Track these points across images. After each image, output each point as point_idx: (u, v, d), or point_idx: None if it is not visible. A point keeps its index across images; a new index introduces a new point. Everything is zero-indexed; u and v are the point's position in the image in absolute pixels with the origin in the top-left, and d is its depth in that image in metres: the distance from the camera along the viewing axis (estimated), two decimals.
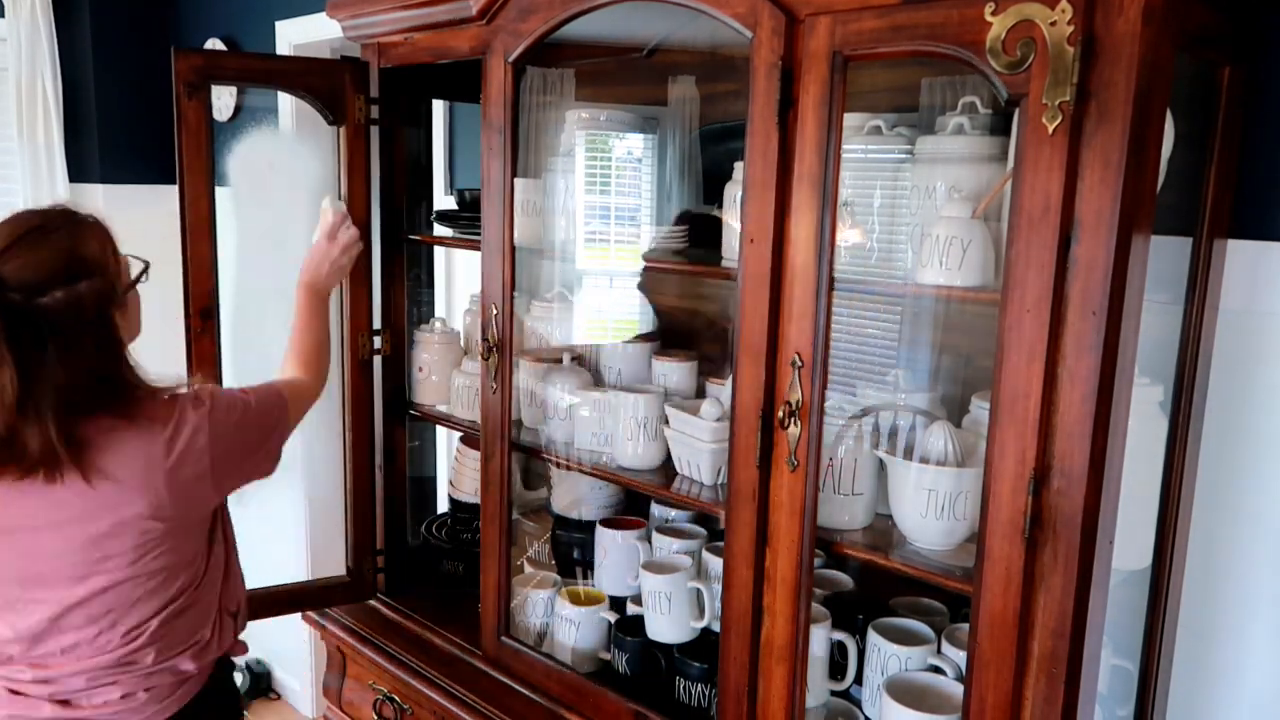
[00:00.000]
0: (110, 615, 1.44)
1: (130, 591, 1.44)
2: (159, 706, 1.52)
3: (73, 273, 1.34)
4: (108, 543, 1.40)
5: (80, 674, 1.46)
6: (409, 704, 2.01)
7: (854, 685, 1.60)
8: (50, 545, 1.39)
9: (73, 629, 1.43)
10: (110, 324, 1.40)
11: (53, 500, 1.37)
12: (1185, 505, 1.49)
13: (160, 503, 1.40)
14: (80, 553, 1.39)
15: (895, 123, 1.51)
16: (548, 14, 1.62)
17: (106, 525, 1.39)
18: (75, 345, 1.32)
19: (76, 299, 1.33)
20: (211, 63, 1.88)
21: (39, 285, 1.31)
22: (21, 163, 3.38)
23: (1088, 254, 1.09)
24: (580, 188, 1.95)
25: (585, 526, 2.03)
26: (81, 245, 1.39)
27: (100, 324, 1.37)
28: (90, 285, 1.35)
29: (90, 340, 1.35)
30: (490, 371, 1.84)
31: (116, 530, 1.39)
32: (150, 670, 1.50)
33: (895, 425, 1.48)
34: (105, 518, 1.38)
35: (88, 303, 1.35)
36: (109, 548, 1.40)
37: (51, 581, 1.41)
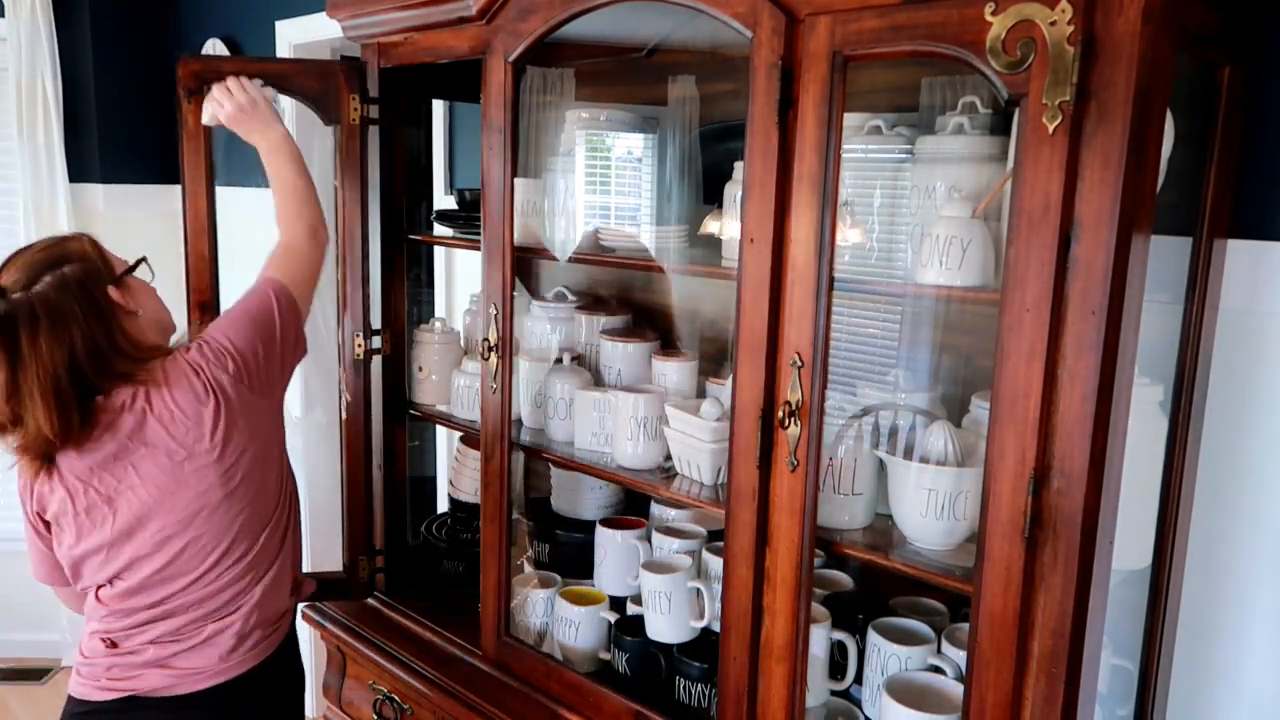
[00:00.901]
0: (218, 549, 1.59)
1: (231, 521, 1.59)
2: (245, 656, 1.65)
3: (57, 262, 1.52)
4: (196, 481, 1.55)
5: (188, 609, 1.60)
6: (409, 704, 2.01)
7: (854, 685, 1.60)
8: (147, 498, 1.54)
9: (181, 574, 1.58)
10: (101, 295, 1.54)
11: (136, 461, 1.53)
12: (1185, 505, 1.49)
13: (220, 438, 1.55)
14: (174, 498, 1.55)
15: (895, 122, 1.51)
16: (548, 14, 1.62)
17: (188, 469, 1.54)
18: (66, 316, 1.48)
19: (62, 280, 1.50)
20: (210, 67, 1.89)
21: (29, 280, 1.49)
22: (21, 163, 3.38)
23: (1088, 254, 1.09)
24: (580, 188, 1.95)
25: (585, 526, 2.04)
26: (64, 245, 1.57)
27: (89, 295, 1.52)
28: (74, 267, 1.52)
29: (79, 309, 1.50)
30: (490, 371, 1.84)
31: (199, 470, 1.54)
32: (245, 607, 1.64)
33: (895, 425, 1.48)
34: (182, 464, 1.54)
35: (73, 279, 1.51)
36: (198, 484, 1.55)
37: (158, 530, 1.56)
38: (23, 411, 1.47)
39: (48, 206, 3.40)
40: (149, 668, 1.60)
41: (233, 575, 1.61)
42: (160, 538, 1.56)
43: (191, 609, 1.60)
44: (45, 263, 1.51)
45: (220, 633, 1.62)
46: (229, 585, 1.61)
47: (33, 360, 1.45)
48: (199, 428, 1.54)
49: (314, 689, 3.54)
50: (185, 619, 1.60)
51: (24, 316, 1.46)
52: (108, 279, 1.56)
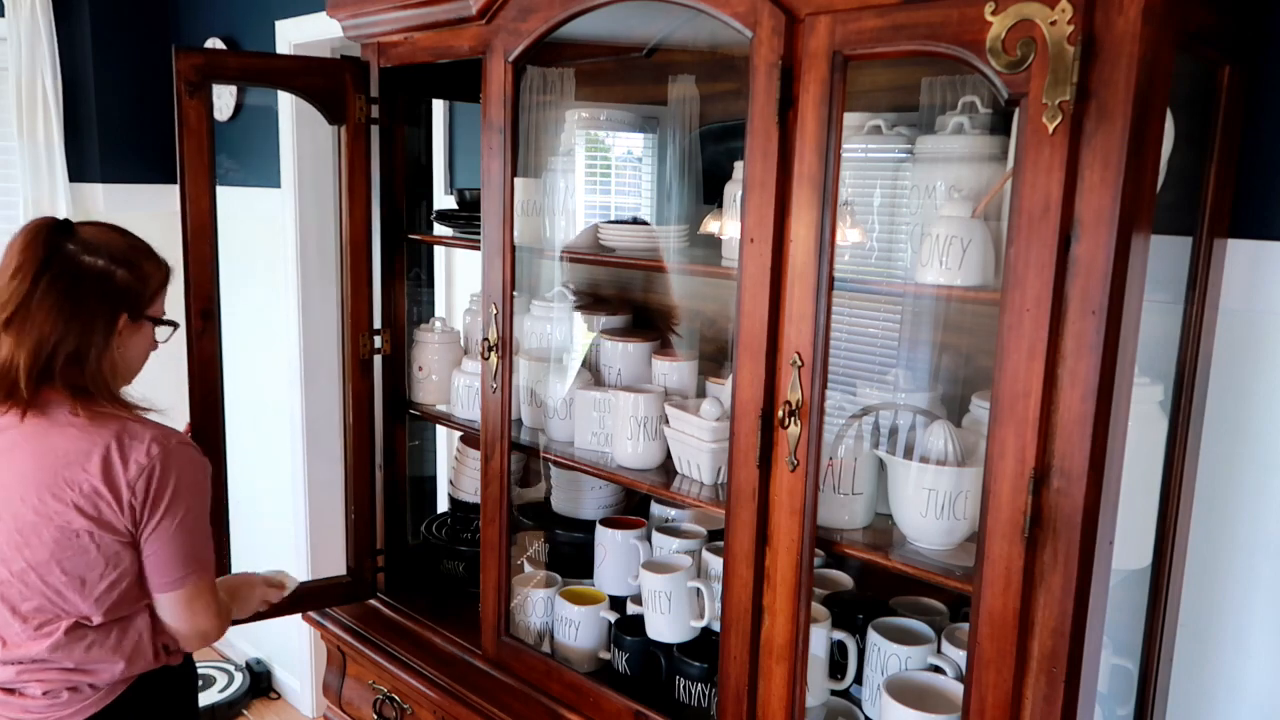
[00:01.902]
0: (25, 605, 1.51)
1: (40, 586, 1.50)
2: (83, 704, 1.56)
3: (123, 261, 1.55)
4: (33, 522, 1.49)
5: (9, 664, 1.54)
6: (409, 703, 2.01)
7: (854, 685, 1.60)
8: None
9: (1, 611, 1.53)
10: (116, 318, 1.54)
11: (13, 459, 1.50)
12: (1185, 505, 1.49)
13: (82, 507, 1.48)
14: (12, 526, 1.50)
15: (895, 122, 1.51)
16: (548, 13, 1.62)
17: (34, 507, 1.49)
18: (81, 307, 1.50)
19: (109, 274, 1.53)
20: (212, 62, 1.87)
21: (93, 248, 1.53)
22: (21, 162, 3.38)
23: (1088, 253, 1.09)
24: (580, 187, 1.95)
25: (585, 526, 2.04)
26: (144, 257, 1.60)
27: (110, 309, 1.53)
28: (126, 276, 1.55)
29: (94, 311, 1.51)
30: (490, 371, 1.84)
31: (45, 511, 1.48)
32: (67, 675, 1.54)
33: (895, 424, 1.48)
34: (33, 495, 1.49)
35: (114, 284, 1.53)
36: (33, 528, 1.49)
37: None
38: (8, 336, 1.47)
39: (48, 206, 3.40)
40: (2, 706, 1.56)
41: (47, 640, 1.52)
42: None
43: (10, 664, 1.54)
44: (119, 253, 1.54)
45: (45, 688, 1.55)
46: (48, 653, 1.53)
47: (40, 305, 1.47)
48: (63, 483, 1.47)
49: (314, 689, 3.55)
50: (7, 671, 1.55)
51: (59, 265, 1.49)
52: (132, 309, 1.56)
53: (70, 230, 1.55)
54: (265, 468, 3.51)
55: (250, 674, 3.76)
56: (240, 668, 3.80)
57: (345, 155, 2.04)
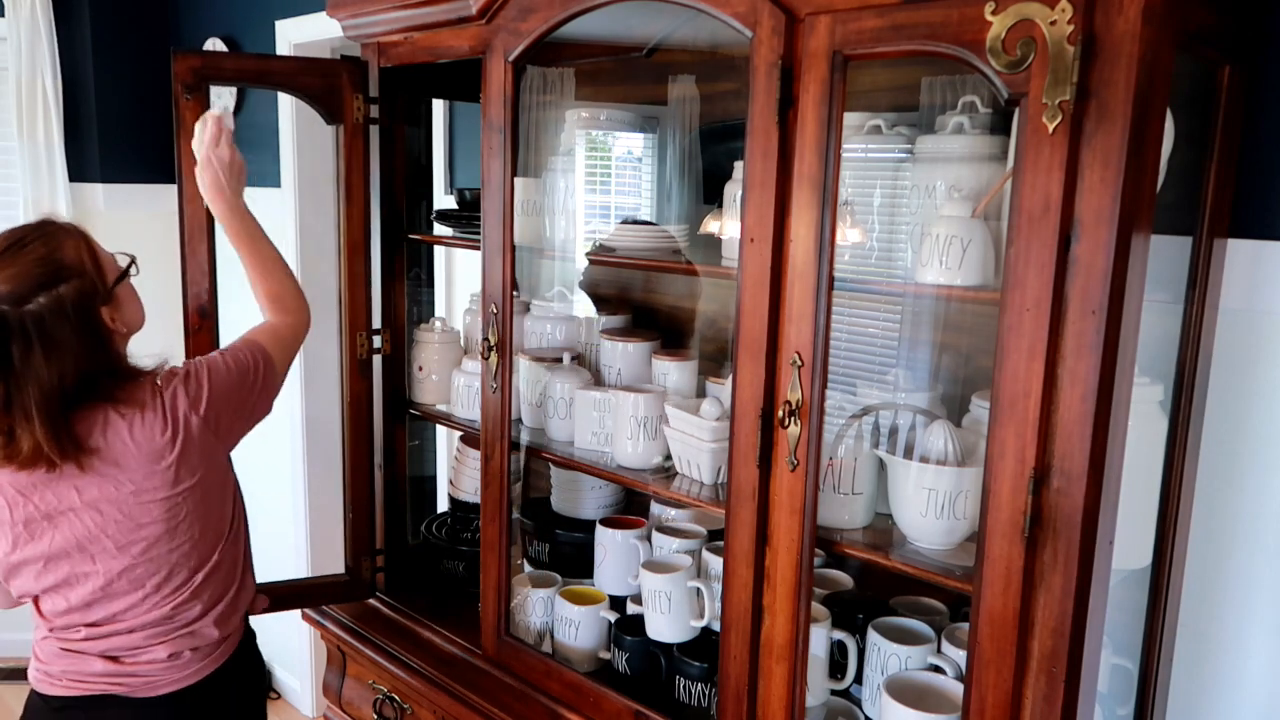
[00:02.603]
0: (155, 578, 1.57)
1: (169, 554, 1.57)
2: (202, 664, 1.64)
3: (53, 278, 1.44)
4: (139, 514, 1.52)
5: (131, 632, 1.59)
6: (409, 703, 2.01)
7: (854, 684, 1.60)
8: (89, 523, 1.52)
9: (121, 594, 1.56)
10: (95, 320, 1.50)
11: (81, 485, 1.50)
12: (1185, 505, 1.49)
13: (172, 474, 1.52)
14: (116, 526, 1.52)
15: (895, 122, 1.51)
16: (548, 13, 1.62)
17: (132, 501, 1.52)
18: (61, 345, 1.44)
19: (58, 301, 1.44)
20: (209, 63, 1.87)
21: (22, 295, 1.42)
22: (21, 162, 3.38)
23: (1088, 253, 1.09)
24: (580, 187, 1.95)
25: (585, 526, 2.04)
26: (58, 251, 1.48)
27: (85, 321, 1.48)
28: (70, 287, 1.46)
29: (75, 337, 1.46)
30: (490, 371, 1.84)
31: (143, 504, 1.52)
32: (194, 628, 1.62)
33: (895, 424, 1.48)
34: (129, 495, 1.51)
35: (70, 303, 1.45)
36: (141, 517, 1.53)
37: (97, 554, 1.54)
38: (16, 427, 1.42)
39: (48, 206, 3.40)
40: (105, 676, 1.58)
41: (177, 601, 1.59)
42: (96, 564, 1.54)
43: (136, 630, 1.58)
44: (40, 278, 1.43)
45: (169, 650, 1.59)
46: (174, 610, 1.59)
47: (27, 377, 1.41)
48: (152, 464, 1.50)
49: (314, 689, 3.54)
50: (131, 638, 1.58)
51: (16, 334, 1.40)
52: (102, 298, 1.50)
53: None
54: (265, 467, 3.51)
55: None
56: None
57: (343, 155, 2.04)
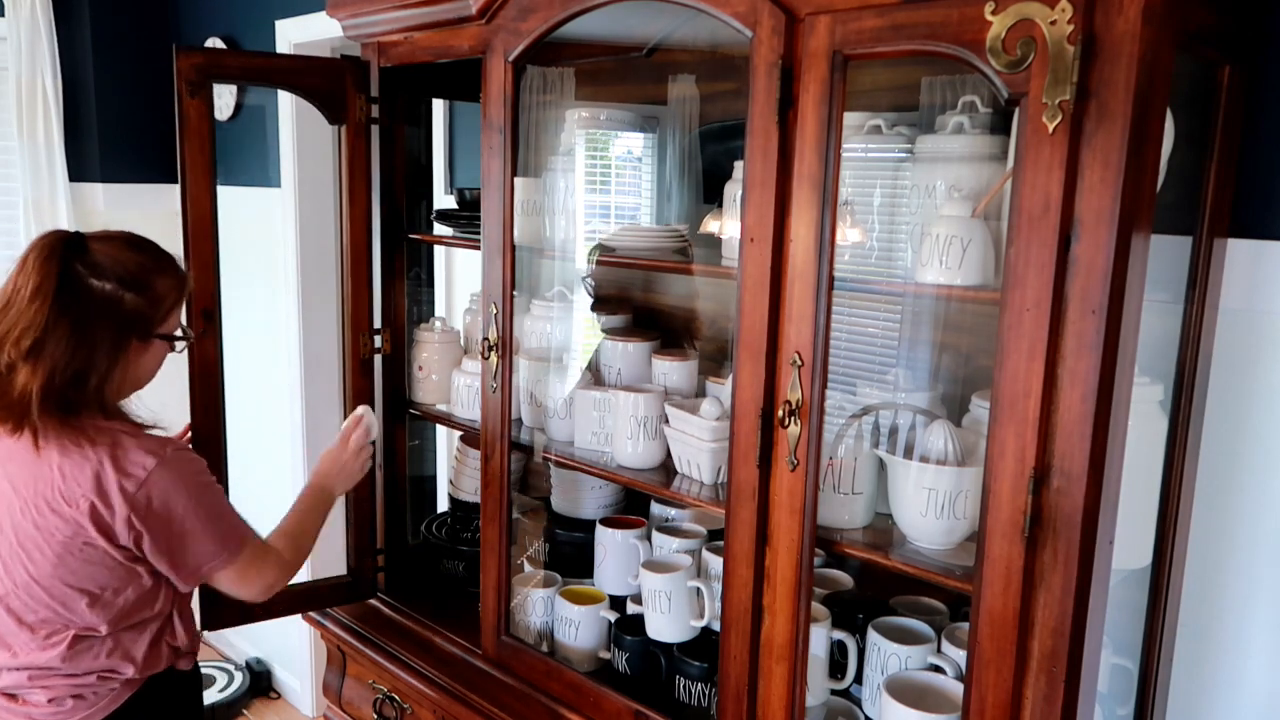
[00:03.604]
0: (31, 617, 1.52)
1: (46, 599, 1.52)
2: (89, 712, 1.57)
3: (132, 283, 1.51)
4: (30, 546, 1.50)
5: (17, 670, 1.55)
6: (409, 703, 2.01)
7: (854, 684, 1.60)
8: None
9: (5, 621, 1.54)
10: (123, 342, 1.52)
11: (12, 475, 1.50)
12: (1185, 504, 1.49)
13: (80, 518, 1.47)
14: (14, 541, 1.51)
15: (895, 122, 1.51)
16: (548, 13, 1.62)
17: (31, 529, 1.49)
18: (87, 334, 1.47)
19: (117, 300, 1.50)
20: (213, 61, 1.87)
21: (102, 270, 1.49)
22: (21, 162, 3.38)
23: (1088, 253, 1.09)
24: (580, 187, 1.95)
25: (585, 526, 2.04)
26: (156, 274, 1.56)
27: (118, 335, 1.50)
28: (135, 300, 1.51)
29: (99, 337, 1.48)
30: (490, 371, 1.84)
31: (46, 526, 1.49)
32: (72, 682, 1.55)
33: (895, 424, 1.48)
34: (29, 523, 1.49)
35: (123, 311, 1.50)
36: (31, 551, 1.50)
37: None
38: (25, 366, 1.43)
39: (48, 206, 3.40)
40: (6, 711, 1.56)
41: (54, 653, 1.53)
42: None
43: (20, 670, 1.55)
44: (129, 274, 1.50)
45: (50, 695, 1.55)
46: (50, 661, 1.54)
47: (54, 334, 1.44)
48: (64, 505, 1.47)
49: (314, 688, 3.55)
50: (16, 676, 1.56)
51: (70, 291, 1.46)
52: (142, 331, 1.53)
53: (83, 249, 1.51)
54: (265, 467, 3.51)
55: (250, 674, 3.76)
56: (240, 667, 3.80)
57: (346, 155, 2.04)
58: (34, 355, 1.44)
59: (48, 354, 1.44)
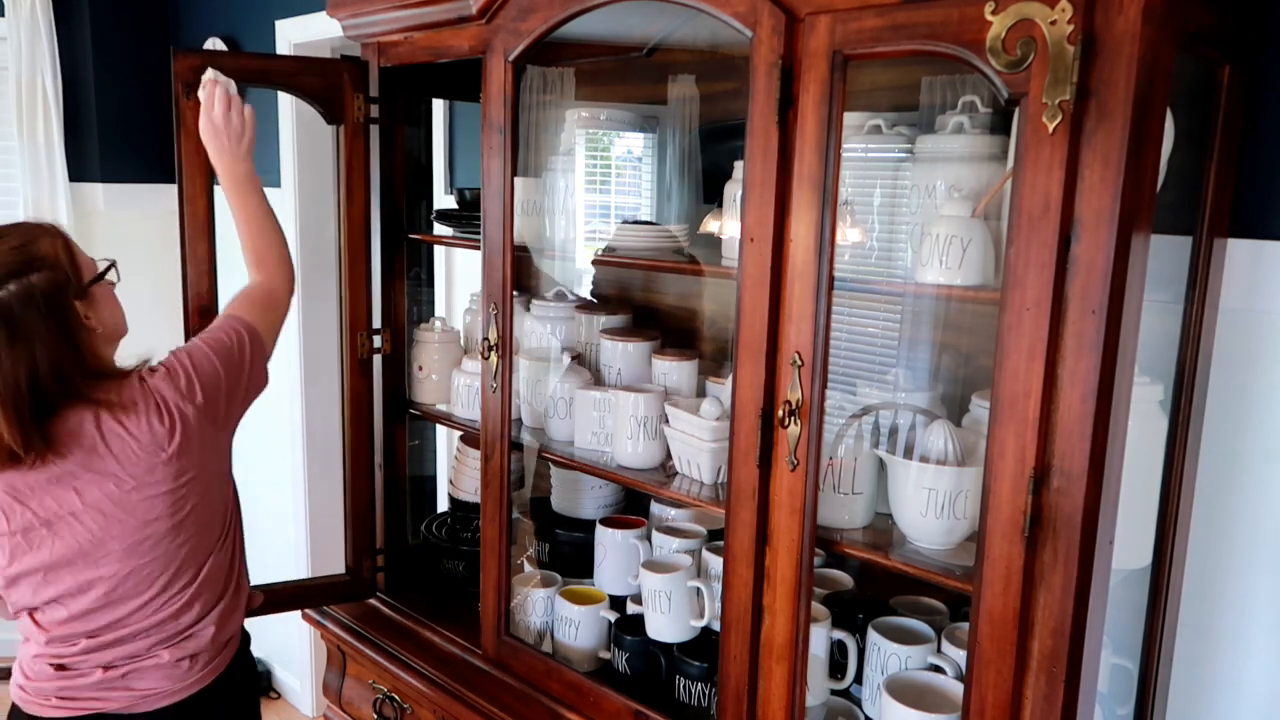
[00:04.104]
0: (163, 576, 1.56)
1: (176, 550, 1.56)
2: (202, 673, 1.63)
3: (24, 267, 1.45)
4: (144, 510, 1.51)
5: (135, 639, 1.57)
6: (409, 703, 2.01)
7: (854, 684, 1.60)
8: (93, 527, 1.51)
9: (126, 599, 1.55)
10: (67, 312, 1.49)
11: (81, 487, 1.49)
12: (1185, 504, 1.49)
13: (174, 467, 1.51)
14: (121, 527, 1.51)
15: (895, 121, 1.51)
16: (548, 13, 1.62)
17: (136, 498, 1.50)
18: (29, 333, 1.43)
19: (28, 289, 1.44)
20: (209, 63, 1.87)
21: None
22: (21, 162, 3.38)
23: (1088, 253, 1.09)
24: (580, 187, 1.95)
25: (585, 526, 2.04)
26: (32, 244, 1.49)
27: (55, 311, 1.47)
28: (41, 276, 1.46)
29: (44, 327, 1.45)
30: (490, 371, 1.84)
31: (147, 499, 1.51)
32: (194, 630, 1.61)
33: (895, 424, 1.48)
34: (131, 493, 1.50)
35: (40, 292, 1.45)
36: (146, 514, 1.52)
37: (102, 559, 1.52)
38: None
39: (48, 206, 3.40)
40: (102, 689, 1.56)
41: (181, 602, 1.58)
42: (101, 569, 1.52)
43: (140, 636, 1.57)
44: (13, 266, 1.44)
45: (173, 656, 1.59)
46: (179, 611, 1.58)
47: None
48: (153, 457, 1.49)
49: (314, 688, 3.55)
50: (134, 645, 1.57)
51: None
52: (75, 291, 1.49)
53: None
54: (265, 467, 3.51)
55: None
56: None
57: (344, 155, 2.04)
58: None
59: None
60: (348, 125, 2.02)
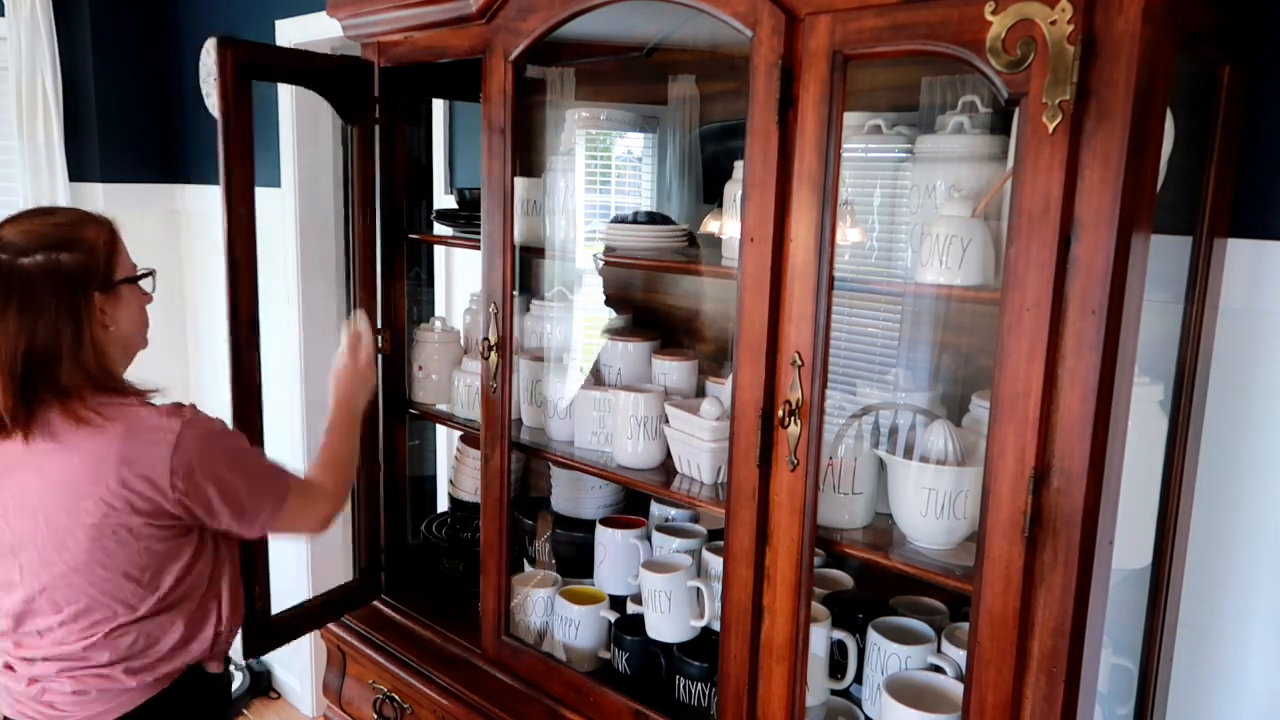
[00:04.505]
0: (71, 607, 1.50)
1: (85, 586, 1.49)
2: (110, 705, 1.55)
3: (59, 244, 1.45)
4: (65, 533, 1.46)
5: (49, 660, 1.53)
6: (409, 703, 2.01)
7: (854, 684, 1.60)
8: (25, 528, 1.48)
9: (42, 613, 1.51)
10: (83, 300, 1.46)
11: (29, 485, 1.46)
12: (1185, 504, 1.49)
13: (112, 500, 1.44)
14: (44, 539, 1.47)
15: (895, 121, 1.51)
16: (548, 13, 1.62)
17: (63, 518, 1.45)
18: (38, 306, 1.42)
19: (54, 265, 1.44)
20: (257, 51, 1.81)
21: (26, 248, 1.43)
22: (21, 162, 3.38)
23: (1088, 253, 1.09)
24: (580, 187, 1.95)
25: (585, 525, 2.04)
26: (79, 227, 1.50)
27: (71, 295, 1.45)
28: (72, 257, 1.45)
29: (55, 306, 1.43)
30: (490, 371, 1.84)
31: (71, 524, 1.45)
32: (105, 671, 1.53)
33: (895, 424, 1.48)
34: (60, 510, 1.45)
35: (65, 271, 1.44)
36: (66, 538, 1.46)
37: (25, 564, 1.49)
38: None
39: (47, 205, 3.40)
40: (27, 702, 1.55)
41: (88, 641, 1.51)
42: (23, 574, 1.50)
43: (50, 660, 1.53)
44: (52, 239, 1.44)
45: (75, 686, 1.53)
46: (85, 650, 1.52)
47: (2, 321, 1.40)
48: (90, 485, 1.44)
49: (314, 688, 3.55)
50: (45, 666, 1.54)
51: (3, 281, 1.41)
52: (100, 283, 1.48)
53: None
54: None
55: (250, 673, 3.76)
56: (240, 667, 3.80)
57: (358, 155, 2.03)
58: None
59: None
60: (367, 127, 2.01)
